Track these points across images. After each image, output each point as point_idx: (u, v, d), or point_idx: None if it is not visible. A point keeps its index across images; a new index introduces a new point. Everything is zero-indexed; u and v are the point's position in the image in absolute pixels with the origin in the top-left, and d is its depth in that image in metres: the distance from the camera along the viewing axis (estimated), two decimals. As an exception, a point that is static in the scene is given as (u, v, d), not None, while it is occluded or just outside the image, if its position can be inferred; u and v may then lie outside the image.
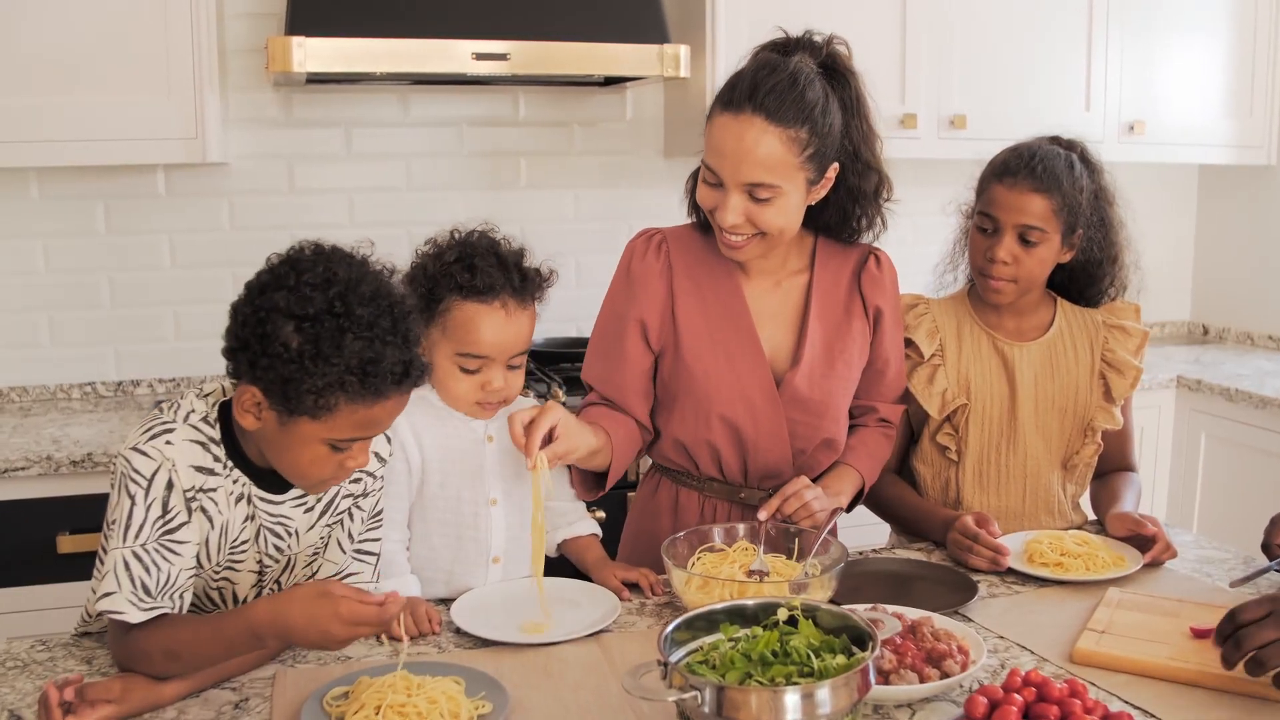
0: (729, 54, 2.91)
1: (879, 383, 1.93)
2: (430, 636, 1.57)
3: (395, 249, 3.31)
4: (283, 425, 1.34)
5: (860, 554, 1.88)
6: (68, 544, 2.40)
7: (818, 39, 1.77)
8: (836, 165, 1.74)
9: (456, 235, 1.72)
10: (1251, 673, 1.30)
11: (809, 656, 1.19)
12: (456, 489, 1.72)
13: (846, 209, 1.81)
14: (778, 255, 1.83)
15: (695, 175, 1.81)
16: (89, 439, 2.54)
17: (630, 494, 2.20)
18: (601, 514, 2.05)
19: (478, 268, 1.64)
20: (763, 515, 1.72)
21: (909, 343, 1.99)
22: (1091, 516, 2.07)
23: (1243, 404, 3.09)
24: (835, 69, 1.75)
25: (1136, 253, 2.08)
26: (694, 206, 1.85)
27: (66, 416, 2.79)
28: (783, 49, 1.76)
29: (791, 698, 1.11)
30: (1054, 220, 1.91)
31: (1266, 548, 1.75)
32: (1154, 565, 1.78)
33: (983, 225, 1.95)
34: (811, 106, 1.66)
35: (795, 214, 1.73)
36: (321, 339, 1.28)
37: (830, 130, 1.69)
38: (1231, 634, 1.31)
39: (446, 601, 1.67)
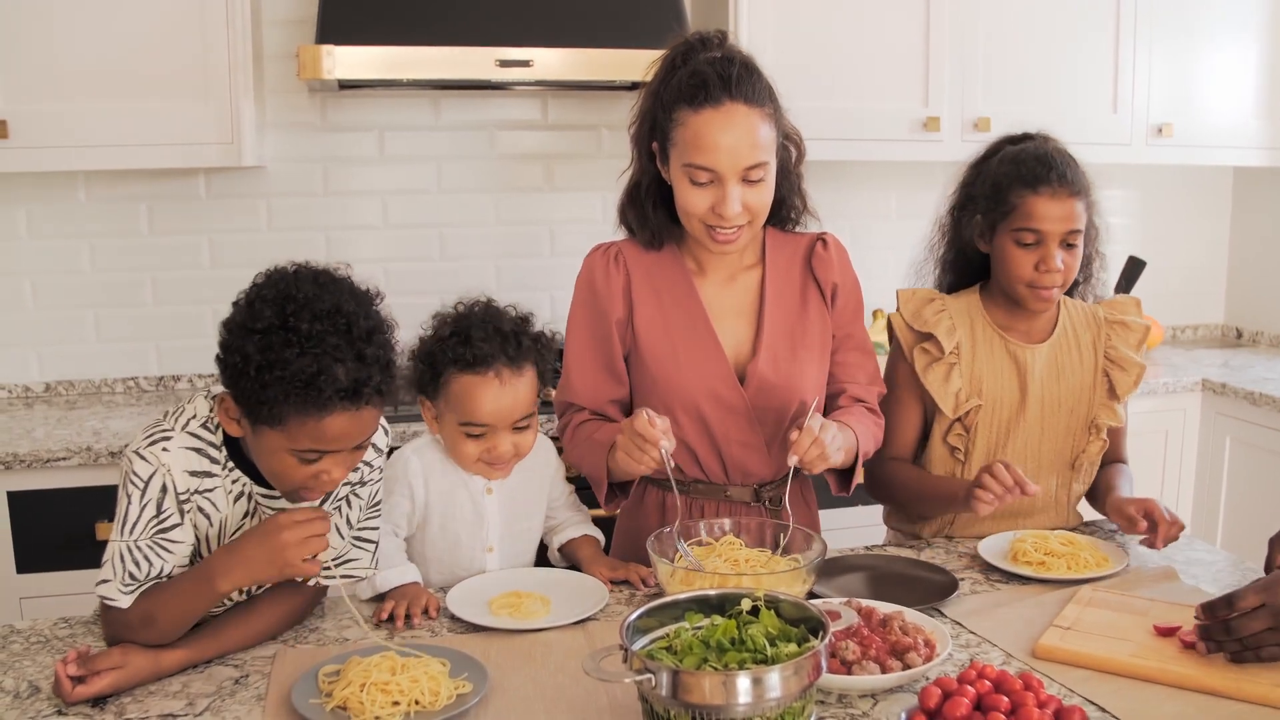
0: (751, 59, 2.97)
1: (844, 363, 1.95)
2: (427, 621, 1.65)
3: (426, 249, 3.44)
4: (254, 433, 1.42)
5: (851, 550, 1.93)
6: (106, 531, 2.51)
7: (710, 36, 1.82)
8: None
9: (459, 308, 1.80)
10: (1236, 659, 1.40)
11: (765, 644, 1.24)
12: (455, 534, 1.83)
13: (778, 183, 1.85)
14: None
15: (633, 195, 1.88)
16: (128, 432, 2.66)
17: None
18: (616, 511, 2.08)
19: (472, 340, 1.72)
20: (792, 461, 1.71)
21: (928, 336, 2.00)
22: (1088, 517, 2.09)
23: (1266, 408, 3.08)
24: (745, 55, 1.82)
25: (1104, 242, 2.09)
26: (641, 222, 1.89)
27: (109, 410, 2.92)
28: (693, 49, 1.80)
29: (742, 681, 1.17)
30: (1087, 218, 1.93)
31: (1268, 569, 1.68)
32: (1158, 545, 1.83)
33: (1023, 240, 1.91)
34: (768, 85, 1.79)
35: (773, 191, 1.82)
36: (269, 352, 1.35)
37: (779, 105, 1.81)
38: (1224, 621, 1.40)
39: (446, 589, 1.75)
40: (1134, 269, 3.48)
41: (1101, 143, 3.30)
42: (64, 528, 2.52)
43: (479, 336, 1.72)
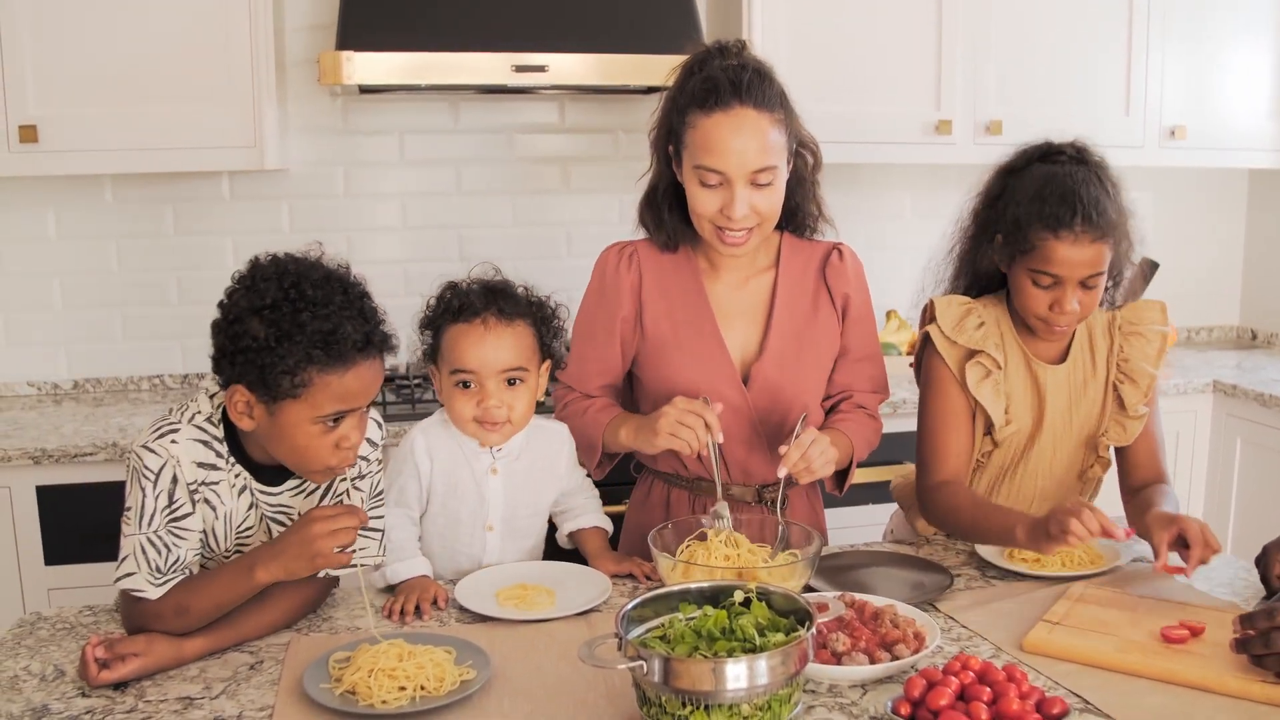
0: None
1: (851, 371, 1.99)
2: (435, 612, 1.71)
3: (445, 250, 3.48)
4: (272, 416, 1.48)
5: (851, 547, 1.97)
6: (131, 524, 2.59)
7: (729, 45, 1.87)
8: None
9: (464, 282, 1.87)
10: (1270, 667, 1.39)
11: (754, 634, 1.29)
12: (457, 511, 1.87)
13: (793, 190, 1.90)
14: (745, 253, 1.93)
15: (650, 197, 1.94)
16: (153, 427, 2.73)
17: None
18: (622, 507, 2.14)
19: (464, 293, 1.82)
20: (781, 473, 1.78)
21: (975, 350, 1.93)
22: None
23: (1277, 409, 3.09)
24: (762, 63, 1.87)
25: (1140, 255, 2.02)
26: (657, 224, 1.95)
27: (135, 407, 3.00)
28: (710, 56, 1.85)
29: (730, 668, 1.22)
30: (1111, 256, 1.86)
31: (1265, 580, 1.71)
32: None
33: (1039, 281, 1.85)
34: (780, 92, 1.83)
35: (782, 195, 1.86)
36: (282, 322, 1.43)
37: (793, 111, 1.85)
38: (1264, 632, 1.39)
39: (456, 581, 1.80)
40: (1148, 270, 3.49)
41: (1115, 145, 3.25)
42: (91, 521, 2.59)
43: (473, 291, 1.81)
